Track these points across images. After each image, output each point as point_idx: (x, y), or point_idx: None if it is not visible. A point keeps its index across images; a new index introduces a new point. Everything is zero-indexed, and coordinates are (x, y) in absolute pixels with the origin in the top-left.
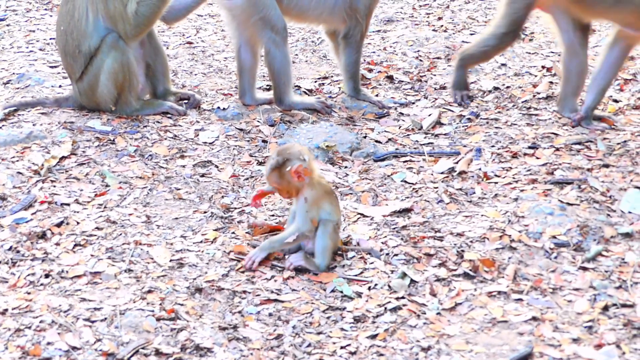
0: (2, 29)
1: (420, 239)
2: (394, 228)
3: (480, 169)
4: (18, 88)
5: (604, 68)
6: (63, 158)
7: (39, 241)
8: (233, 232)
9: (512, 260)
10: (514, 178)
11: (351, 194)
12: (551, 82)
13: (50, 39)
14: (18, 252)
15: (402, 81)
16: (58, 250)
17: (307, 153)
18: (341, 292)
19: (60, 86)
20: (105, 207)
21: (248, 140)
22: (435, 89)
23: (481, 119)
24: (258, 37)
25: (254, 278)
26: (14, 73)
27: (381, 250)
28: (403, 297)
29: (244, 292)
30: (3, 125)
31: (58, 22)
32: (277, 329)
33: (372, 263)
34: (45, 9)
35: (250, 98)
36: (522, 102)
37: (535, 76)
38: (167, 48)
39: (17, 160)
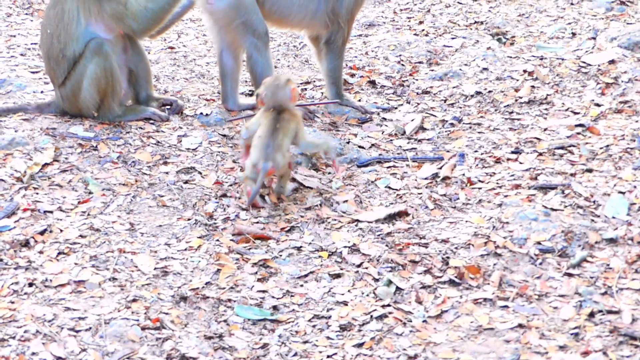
0: None
1: (405, 245)
2: (379, 234)
3: (463, 174)
4: None
5: None
6: (45, 165)
7: (22, 249)
8: (217, 240)
9: (497, 266)
10: (497, 183)
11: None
12: (533, 87)
13: (32, 44)
14: (1, 260)
15: (385, 86)
16: (42, 258)
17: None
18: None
19: (42, 92)
20: (88, 215)
21: (231, 146)
22: (417, 93)
23: (464, 123)
24: (240, 41)
25: (238, 287)
26: None
27: (365, 256)
28: (389, 305)
29: (229, 300)
30: None
31: (44, 25)
32: (263, 337)
33: (360, 266)
34: (26, 14)
35: (233, 103)
36: (505, 106)
37: (517, 80)
38: (149, 53)
39: None
